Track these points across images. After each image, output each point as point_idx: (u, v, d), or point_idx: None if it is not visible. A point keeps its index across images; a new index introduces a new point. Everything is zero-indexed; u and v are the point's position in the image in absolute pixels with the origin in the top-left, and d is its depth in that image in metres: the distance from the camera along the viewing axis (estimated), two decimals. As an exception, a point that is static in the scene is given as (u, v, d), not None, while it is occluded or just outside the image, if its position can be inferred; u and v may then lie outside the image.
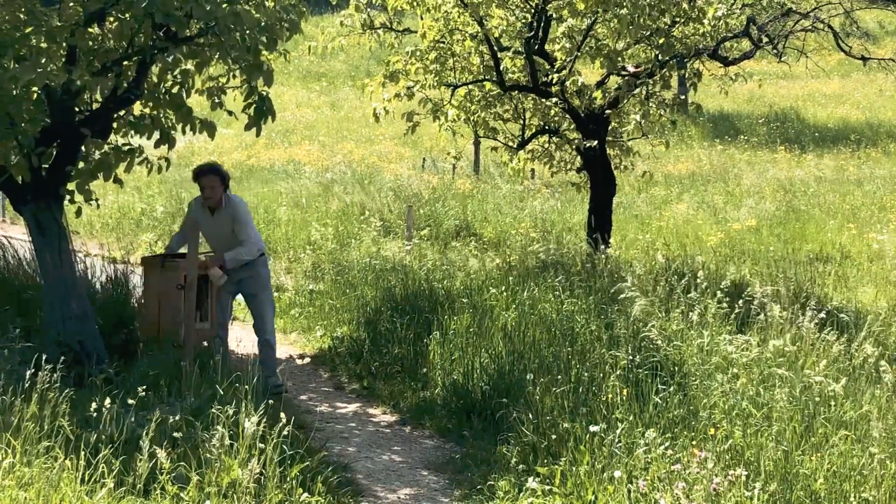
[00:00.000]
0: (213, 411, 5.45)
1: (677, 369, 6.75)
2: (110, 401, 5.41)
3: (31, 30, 6.69)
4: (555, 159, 12.58)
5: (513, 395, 6.98)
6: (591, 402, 6.27)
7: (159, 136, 7.80)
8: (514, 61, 11.38)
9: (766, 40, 11.21)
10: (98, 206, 8.12)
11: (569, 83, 10.64)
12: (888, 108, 32.39)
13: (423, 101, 11.27)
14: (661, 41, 10.56)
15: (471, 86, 11.38)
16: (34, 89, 6.77)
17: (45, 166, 7.29)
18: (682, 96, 11.73)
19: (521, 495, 5.71)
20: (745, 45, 11.68)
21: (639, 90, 10.74)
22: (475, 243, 13.69)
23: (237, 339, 8.83)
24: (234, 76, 7.53)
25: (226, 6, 6.76)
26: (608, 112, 11.20)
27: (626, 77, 10.84)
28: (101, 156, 7.69)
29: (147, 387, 5.92)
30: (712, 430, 5.62)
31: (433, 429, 7.40)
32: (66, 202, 7.61)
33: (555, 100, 11.08)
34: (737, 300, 7.64)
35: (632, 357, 6.81)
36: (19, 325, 7.15)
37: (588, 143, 11.03)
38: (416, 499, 6.13)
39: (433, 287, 9.61)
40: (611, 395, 6.19)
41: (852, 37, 17.56)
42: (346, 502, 5.83)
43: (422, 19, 10.79)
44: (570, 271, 9.66)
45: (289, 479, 5.27)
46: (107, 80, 6.99)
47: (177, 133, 7.89)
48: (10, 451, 4.96)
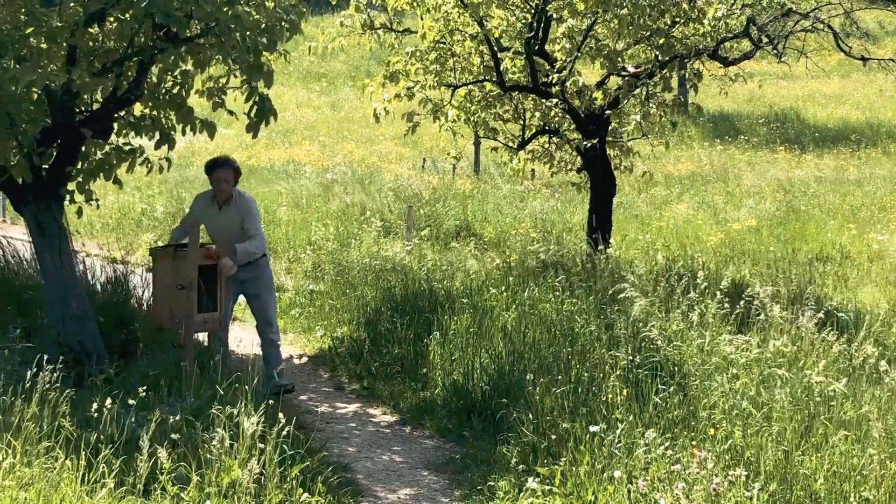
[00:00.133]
0: (213, 411, 5.46)
1: (677, 369, 6.75)
2: (110, 401, 5.40)
3: (31, 30, 6.69)
4: (555, 159, 12.58)
5: (513, 396, 6.98)
6: (591, 403, 6.27)
7: (159, 137, 7.80)
8: (514, 62, 11.39)
9: (766, 41, 11.21)
10: (98, 206, 8.13)
11: (569, 83, 10.65)
12: (888, 109, 32.40)
13: (423, 102, 11.27)
14: (661, 41, 10.57)
15: (471, 86, 11.39)
16: (34, 90, 6.76)
17: (45, 167, 7.29)
18: (682, 97, 11.74)
19: (521, 495, 5.71)
20: (745, 45, 11.68)
21: (639, 90, 10.75)
22: (475, 243, 13.70)
23: (237, 339, 8.83)
24: (235, 76, 7.53)
25: (226, 8, 6.76)
26: (608, 112, 11.20)
27: (626, 77, 10.84)
28: (102, 156, 7.70)
29: (147, 387, 5.92)
30: (712, 431, 5.62)
31: (433, 429, 7.40)
32: (66, 202, 7.61)
33: (555, 100, 11.09)
34: (737, 300, 7.64)
35: (632, 357, 6.81)
36: (19, 325, 7.13)
37: (588, 143, 11.03)
38: (416, 499, 6.13)
39: (433, 287, 9.62)
40: (611, 396, 6.19)
41: (852, 37, 17.54)
42: (346, 502, 5.83)
43: (422, 20, 10.80)
44: (570, 271, 9.66)
45: (289, 479, 5.27)
46: (107, 81, 6.98)
47: (177, 133, 7.88)
48: (10, 452, 4.96)
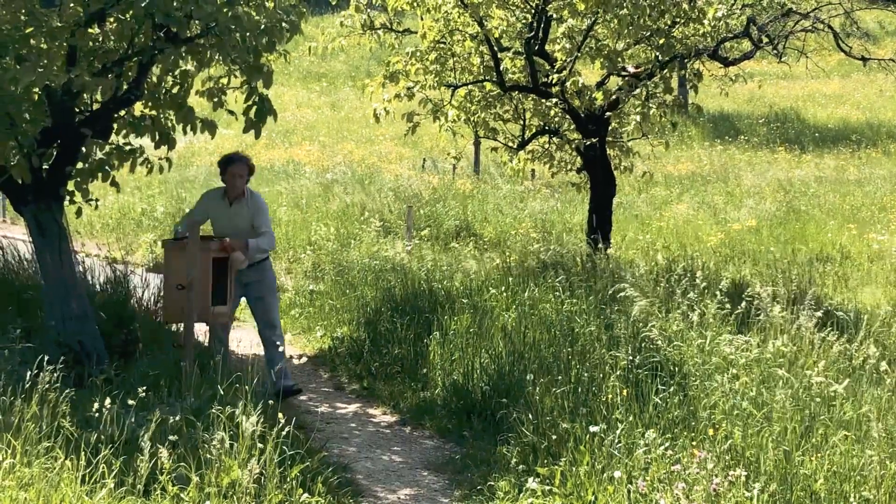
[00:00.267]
0: (212, 411, 5.46)
1: (677, 370, 6.74)
2: (110, 401, 5.40)
3: (31, 30, 6.69)
4: (555, 160, 12.58)
5: (513, 396, 6.98)
6: (590, 403, 6.27)
7: (159, 137, 7.79)
8: (514, 62, 11.39)
9: (766, 41, 11.21)
10: (97, 206, 8.12)
11: (569, 84, 10.65)
12: (888, 109, 32.38)
13: (423, 102, 11.27)
14: (661, 42, 10.56)
15: (471, 86, 11.39)
16: (34, 90, 6.77)
17: (45, 167, 7.29)
18: (682, 97, 11.74)
19: (521, 496, 5.70)
20: (746, 45, 11.68)
21: (639, 91, 10.75)
22: (475, 243, 13.69)
23: (237, 339, 8.82)
24: (235, 76, 7.53)
25: (226, 9, 6.76)
26: (608, 114, 11.20)
27: (627, 78, 10.84)
28: (102, 156, 7.69)
29: (147, 387, 5.92)
30: (712, 431, 5.61)
31: (433, 429, 7.40)
32: (66, 202, 7.61)
33: (555, 100, 11.08)
34: (737, 301, 7.64)
35: (632, 357, 6.80)
36: (19, 325, 7.14)
37: (588, 142, 11.03)
38: (415, 499, 6.13)
39: (433, 287, 9.61)
40: (611, 396, 6.19)
41: (852, 37, 17.55)
42: (346, 502, 5.83)
43: (422, 20, 10.80)
44: (570, 272, 9.66)
45: (289, 479, 5.27)
46: (107, 81, 6.98)
47: (177, 133, 7.88)
48: (10, 452, 4.96)
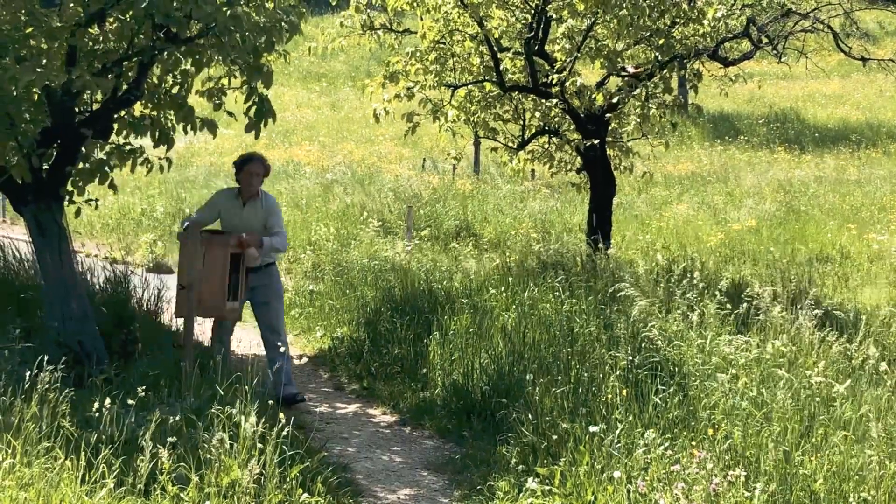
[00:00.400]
0: (212, 412, 5.46)
1: (677, 370, 6.75)
2: (110, 401, 5.40)
3: (31, 30, 6.69)
4: (555, 160, 12.58)
5: (512, 396, 6.98)
6: (590, 403, 6.27)
7: (158, 137, 7.79)
8: (513, 62, 11.39)
9: (765, 41, 11.21)
10: (96, 207, 8.11)
11: (568, 84, 10.65)
12: (888, 109, 32.38)
13: (423, 102, 11.27)
14: (660, 42, 10.56)
15: (471, 86, 11.39)
16: (35, 90, 6.77)
17: (45, 167, 7.29)
18: (682, 97, 11.74)
19: (521, 496, 5.71)
20: (745, 45, 11.68)
21: (639, 91, 10.75)
22: (475, 244, 13.69)
23: (237, 339, 8.82)
24: (235, 76, 7.53)
25: (225, 9, 6.76)
26: (608, 114, 11.20)
27: (626, 78, 10.84)
28: (103, 155, 7.69)
29: (147, 387, 5.92)
30: (711, 431, 5.61)
31: (433, 429, 7.40)
32: (65, 203, 7.61)
33: (555, 100, 11.09)
34: (737, 301, 7.64)
35: (631, 357, 6.81)
36: (19, 325, 7.14)
37: (588, 143, 11.03)
38: (415, 499, 6.14)
39: (433, 287, 9.61)
40: (610, 396, 6.19)
41: (852, 37, 17.53)
42: (346, 503, 5.83)
43: (422, 20, 10.80)
44: (569, 272, 9.66)
45: (288, 479, 5.27)
46: (107, 81, 6.98)
47: (177, 133, 7.87)
48: (10, 452, 4.96)
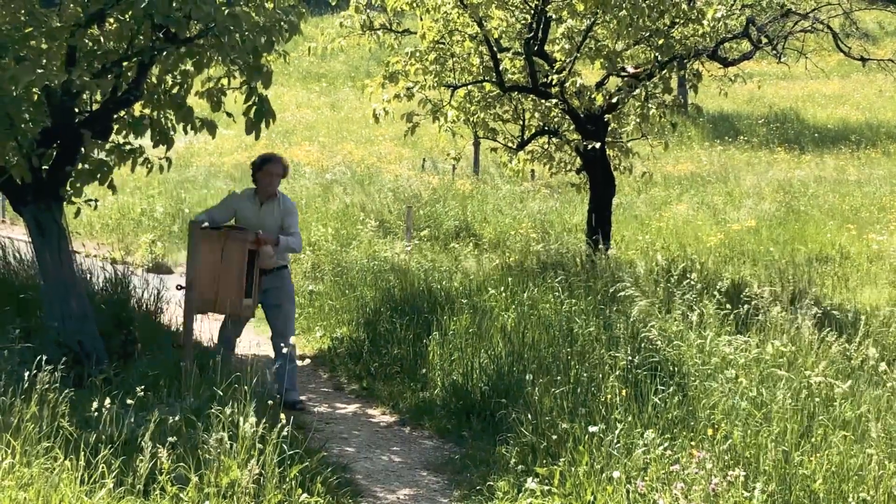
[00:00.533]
0: (212, 412, 5.46)
1: (676, 370, 6.75)
2: (110, 401, 5.40)
3: (30, 30, 6.69)
4: (554, 160, 12.59)
5: (512, 396, 6.99)
6: (590, 403, 6.27)
7: (158, 137, 7.79)
8: (513, 62, 11.39)
9: (765, 41, 11.22)
10: (96, 207, 8.12)
11: (568, 84, 10.65)
12: (888, 109, 32.39)
13: (422, 102, 11.27)
14: (660, 42, 10.57)
15: (470, 86, 11.39)
16: (34, 90, 6.77)
17: (45, 167, 7.29)
18: (681, 97, 11.75)
19: (520, 496, 5.71)
20: (745, 46, 11.69)
21: (638, 91, 10.75)
22: (475, 244, 13.69)
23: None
24: (234, 77, 7.53)
25: (225, 9, 6.76)
26: (608, 116, 11.21)
27: (626, 78, 10.84)
28: (102, 155, 7.69)
29: (146, 387, 5.92)
30: (711, 431, 5.62)
31: (432, 429, 7.40)
32: (65, 202, 7.61)
33: (554, 101, 11.09)
34: (737, 301, 7.64)
35: (631, 358, 6.81)
36: (19, 325, 7.14)
37: (588, 144, 11.03)
38: (415, 499, 6.14)
39: (432, 288, 9.61)
40: (610, 396, 6.19)
41: (852, 37, 17.56)
42: (346, 503, 5.83)
43: (421, 20, 10.81)
44: (569, 272, 9.67)
45: (288, 479, 5.27)
46: (106, 81, 6.99)
47: (177, 133, 7.87)
48: (9, 452, 4.96)
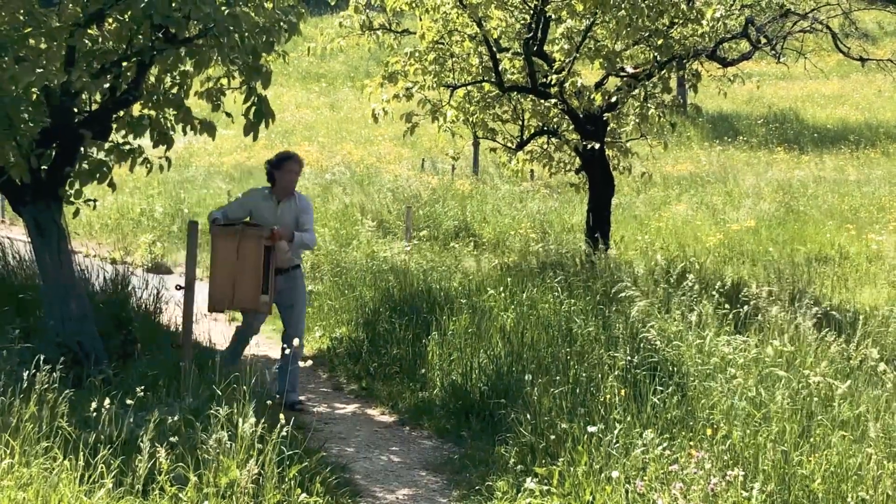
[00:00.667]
0: (211, 412, 5.46)
1: (675, 370, 6.75)
2: (109, 401, 5.40)
3: (30, 31, 6.69)
4: (553, 160, 12.59)
5: (511, 396, 6.99)
6: (589, 403, 6.27)
7: (157, 137, 7.79)
8: (512, 62, 11.40)
9: (764, 41, 11.22)
10: (95, 207, 8.12)
11: (567, 84, 10.65)
12: (887, 109, 32.40)
13: (422, 102, 11.27)
14: (659, 42, 10.57)
15: (470, 87, 11.39)
16: (33, 90, 6.77)
17: (44, 167, 7.29)
18: (681, 97, 11.75)
19: (519, 496, 5.70)
20: (744, 46, 11.69)
21: (638, 91, 10.76)
22: (474, 244, 13.70)
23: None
24: (233, 77, 7.53)
25: (224, 9, 6.76)
26: (607, 116, 11.21)
27: (625, 78, 10.85)
28: (102, 155, 7.68)
29: (146, 387, 5.92)
30: (710, 431, 5.62)
31: (431, 429, 7.40)
32: (64, 203, 7.61)
33: (553, 101, 11.09)
34: (736, 301, 7.64)
35: (630, 358, 6.81)
36: (18, 325, 7.13)
37: (588, 144, 11.04)
38: (414, 499, 6.14)
39: (431, 288, 9.61)
40: (609, 396, 6.19)
41: (851, 38, 17.56)
42: (345, 503, 5.83)
43: (420, 20, 10.82)
44: (568, 272, 9.67)
45: (287, 479, 5.27)
46: (106, 82, 6.98)
47: (176, 133, 7.87)
48: (9, 452, 4.96)
